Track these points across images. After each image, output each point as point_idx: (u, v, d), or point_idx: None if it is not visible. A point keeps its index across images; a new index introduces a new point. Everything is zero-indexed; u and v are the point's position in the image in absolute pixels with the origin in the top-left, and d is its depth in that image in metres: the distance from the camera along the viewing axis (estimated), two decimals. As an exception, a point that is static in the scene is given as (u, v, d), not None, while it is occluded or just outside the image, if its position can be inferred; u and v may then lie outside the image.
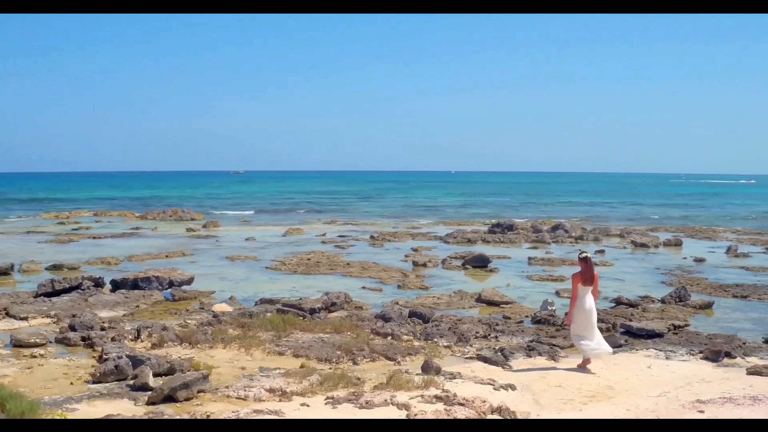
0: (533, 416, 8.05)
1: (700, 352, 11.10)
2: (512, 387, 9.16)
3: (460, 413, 7.88)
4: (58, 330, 12.43)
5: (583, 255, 10.69)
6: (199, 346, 11.00)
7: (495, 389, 9.04)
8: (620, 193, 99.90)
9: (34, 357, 10.66)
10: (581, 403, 8.60)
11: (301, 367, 10.03)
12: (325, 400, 8.45)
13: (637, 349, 11.41)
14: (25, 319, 13.41)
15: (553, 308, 14.10)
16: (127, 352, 10.16)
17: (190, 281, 16.49)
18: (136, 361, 9.51)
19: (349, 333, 11.97)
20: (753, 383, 9.33)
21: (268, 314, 13.24)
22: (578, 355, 10.87)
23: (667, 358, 10.92)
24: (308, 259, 23.12)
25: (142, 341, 11.49)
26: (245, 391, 8.76)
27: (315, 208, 56.16)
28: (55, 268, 20.65)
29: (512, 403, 8.34)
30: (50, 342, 11.54)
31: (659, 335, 12.19)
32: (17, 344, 11.28)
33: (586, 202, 69.72)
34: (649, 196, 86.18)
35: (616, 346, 11.45)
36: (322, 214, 48.49)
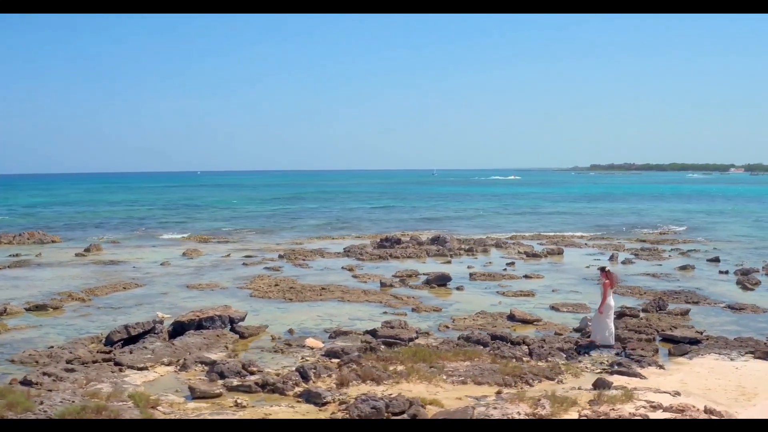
0: (736, 415, 10.72)
1: (749, 353, 14.46)
2: (678, 393, 11.78)
3: (691, 417, 10.35)
4: (203, 377, 12.98)
5: (607, 269, 15.54)
6: (385, 382, 12.36)
7: (672, 396, 11.60)
8: (408, 195, 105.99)
9: (244, 407, 11.37)
10: (746, 400, 11.46)
11: (498, 393, 11.89)
12: (579, 417, 10.50)
13: (703, 354, 14.53)
14: (146, 368, 13.65)
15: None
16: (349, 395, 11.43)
17: (244, 318, 17.18)
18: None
19: (477, 359, 13.89)
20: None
21: (382, 347, 14.76)
22: (674, 363, 13.87)
23: (731, 360, 14.13)
24: (276, 285, 23.99)
25: (314, 382, 12.57)
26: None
27: (159, 225, 54.02)
28: (38, 308, 19.90)
29: (710, 406, 10.93)
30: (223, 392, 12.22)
31: (699, 342, 15.43)
32: (199, 396, 11.84)
33: (400, 208, 73.18)
34: (443, 199, 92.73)
35: (685, 353, 14.55)
36: (184, 232, 47.44)
